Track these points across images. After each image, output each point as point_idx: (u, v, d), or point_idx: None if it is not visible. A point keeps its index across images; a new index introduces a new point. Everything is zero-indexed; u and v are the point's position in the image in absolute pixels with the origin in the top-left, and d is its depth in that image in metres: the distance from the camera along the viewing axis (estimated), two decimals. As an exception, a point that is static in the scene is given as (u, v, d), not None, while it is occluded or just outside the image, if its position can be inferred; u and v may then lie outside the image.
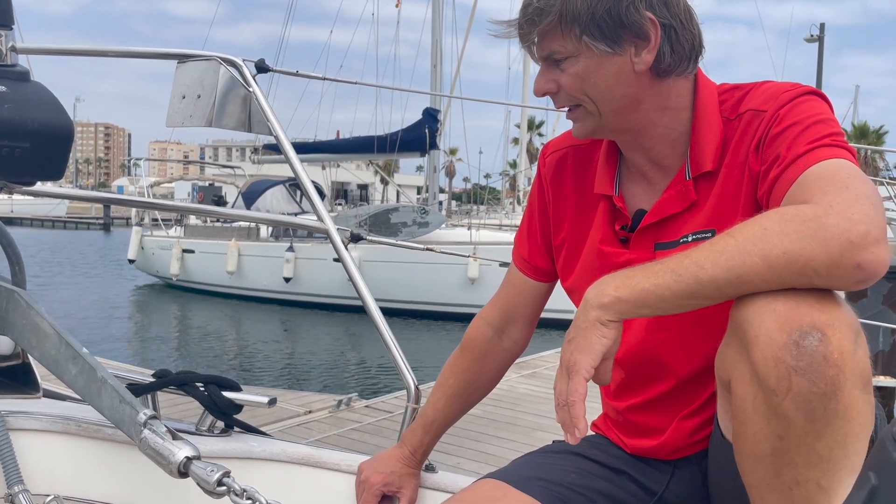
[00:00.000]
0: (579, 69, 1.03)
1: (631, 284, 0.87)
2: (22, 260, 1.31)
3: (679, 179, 1.08)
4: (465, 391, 1.33)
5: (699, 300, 0.85)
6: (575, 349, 0.88)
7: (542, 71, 1.07)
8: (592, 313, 0.88)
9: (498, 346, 1.32)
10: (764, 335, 0.80)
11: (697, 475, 1.14)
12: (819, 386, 0.77)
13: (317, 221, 1.50)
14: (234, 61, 1.53)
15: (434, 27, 16.60)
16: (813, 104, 1.00)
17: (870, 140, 41.79)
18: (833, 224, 0.79)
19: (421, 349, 10.55)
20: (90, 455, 1.25)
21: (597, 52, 1.02)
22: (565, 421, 0.88)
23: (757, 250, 0.81)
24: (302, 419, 4.42)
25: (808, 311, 0.79)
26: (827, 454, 0.79)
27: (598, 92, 1.04)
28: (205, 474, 0.95)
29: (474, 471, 1.38)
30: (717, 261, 0.82)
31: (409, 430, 1.32)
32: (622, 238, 1.13)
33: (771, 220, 0.83)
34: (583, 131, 1.10)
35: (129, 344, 11.36)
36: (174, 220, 17.85)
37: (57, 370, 1.10)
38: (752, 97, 1.05)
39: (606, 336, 0.87)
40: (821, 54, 20.18)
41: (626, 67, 1.03)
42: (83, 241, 33.51)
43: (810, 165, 0.91)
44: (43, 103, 1.05)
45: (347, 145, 16.46)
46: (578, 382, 0.86)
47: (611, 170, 1.16)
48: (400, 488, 1.28)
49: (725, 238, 0.84)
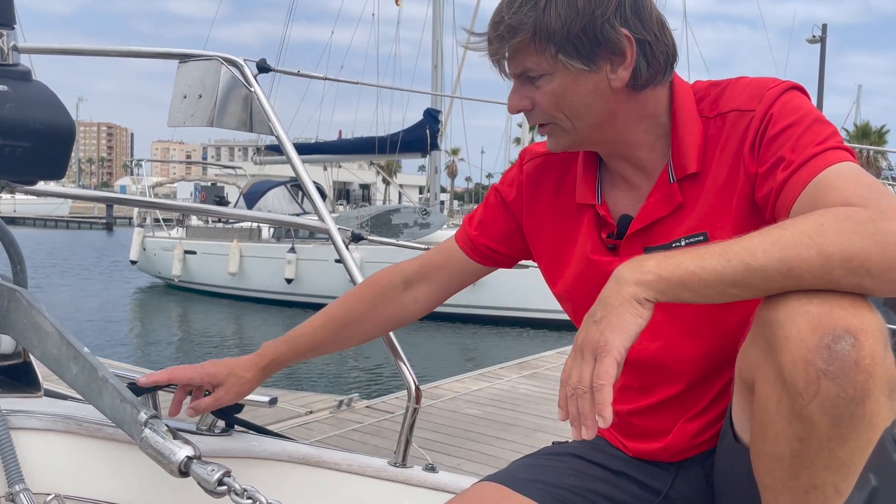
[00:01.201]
0: (555, 87, 1.02)
1: (673, 263, 0.83)
2: (23, 259, 1.32)
3: (663, 182, 1.07)
4: (344, 321, 1.29)
5: (743, 289, 0.82)
6: (606, 327, 0.82)
7: (515, 88, 1.06)
8: (629, 289, 0.83)
9: (397, 298, 1.29)
10: (795, 336, 0.79)
11: (701, 475, 1.14)
12: (848, 391, 0.76)
13: (318, 221, 1.50)
14: (236, 61, 1.53)
15: (435, 26, 16.62)
16: (800, 100, 1.00)
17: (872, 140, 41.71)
18: (890, 229, 0.79)
19: (422, 350, 10.55)
20: (91, 454, 1.26)
21: (573, 71, 1.00)
22: (584, 410, 0.81)
23: (813, 244, 0.80)
24: (303, 419, 4.42)
25: (841, 315, 0.78)
26: (848, 459, 0.79)
27: (573, 109, 1.03)
28: (205, 474, 0.96)
29: (474, 471, 1.37)
30: (771, 250, 0.81)
31: (272, 341, 1.28)
32: (610, 246, 1.12)
33: (825, 217, 0.82)
34: (558, 146, 1.09)
35: (131, 344, 11.37)
36: (176, 221, 17.86)
37: (58, 369, 1.10)
38: (732, 95, 1.04)
39: (642, 315, 0.83)
40: (823, 55, 20.17)
41: (602, 84, 1.02)
42: (85, 241, 33.54)
43: (823, 168, 0.91)
44: (44, 103, 1.05)
45: (349, 146, 16.47)
46: (609, 364, 0.80)
47: (591, 178, 1.15)
48: (221, 384, 1.23)
49: (778, 230, 0.82)
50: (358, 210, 15.02)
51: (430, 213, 13.76)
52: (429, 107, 15.27)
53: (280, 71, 1.80)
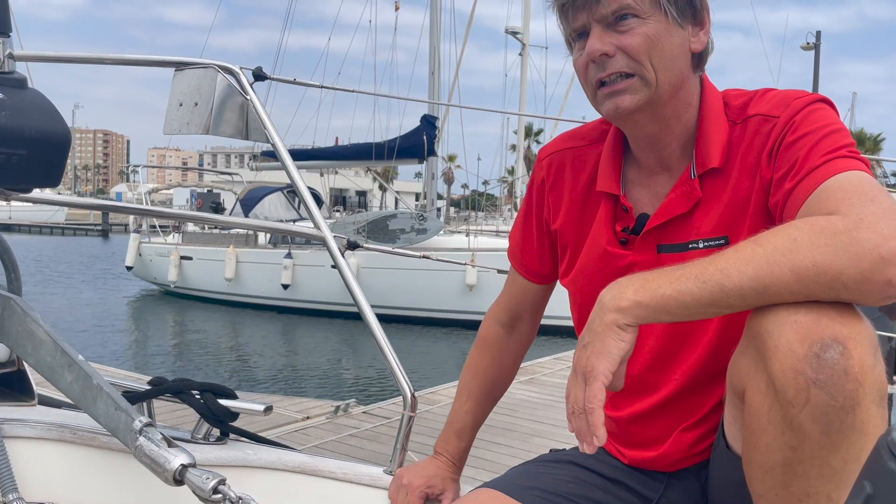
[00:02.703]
0: (650, 31, 1.00)
1: (651, 289, 0.85)
2: (18, 267, 1.31)
3: (684, 180, 1.07)
4: (489, 390, 1.35)
5: (721, 308, 0.84)
6: (592, 353, 0.86)
7: (596, 33, 1.01)
8: (609, 316, 0.86)
9: (511, 342, 1.35)
10: (784, 346, 0.79)
11: (696, 486, 1.14)
12: (838, 399, 0.76)
13: (313, 229, 1.49)
14: (232, 69, 1.53)
15: (432, 34, 16.63)
16: (825, 112, 1.00)
17: (867, 147, 41.91)
18: (864, 238, 0.78)
19: (419, 356, 10.54)
20: (85, 463, 1.25)
21: (668, 19, 1.01)
22: (582, 429, 0.85)
23: (786, 261, 0.79)
24: (299, 425, 4.41)
25: (829, 324, 0.78)
26: (841, 468, 0.79)
27: (662, 59, 1.01)
28: (200, 482, 0.95)
29: (472, 476, 1.37)
30: (744, 270, 0.81)
31: (441, 440, 1.34)
32: (622, 240, 1.12)
33: (800, 230, 0.81)
34: (633, 103, 1.02)
35: (126, 351, 11.33)
36: (172, 227, 17.84)
37: (52, 377, 1.10)
38: (759, 102, 1.05)
39: (624, 340, 0.85)
40: (817, 62, 20.25)
41: (685, 43, 1.04)
42: (81, 248, 33.47)
43: (829, 176, 0.90)
44: (40, 110, 1.05)
45: (346, 152, 16.47)
46: (598, 388, 0.84)
47: (616, 168, 1.14)
48: (443, 490, 1.28)
49: (752, 246, 0.82)
50: (354, 216, 15.02)
51: (426, 219, 13.76)
52: (426, 113, 15.29)
53: (276, 79, 1.80)
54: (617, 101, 1.03)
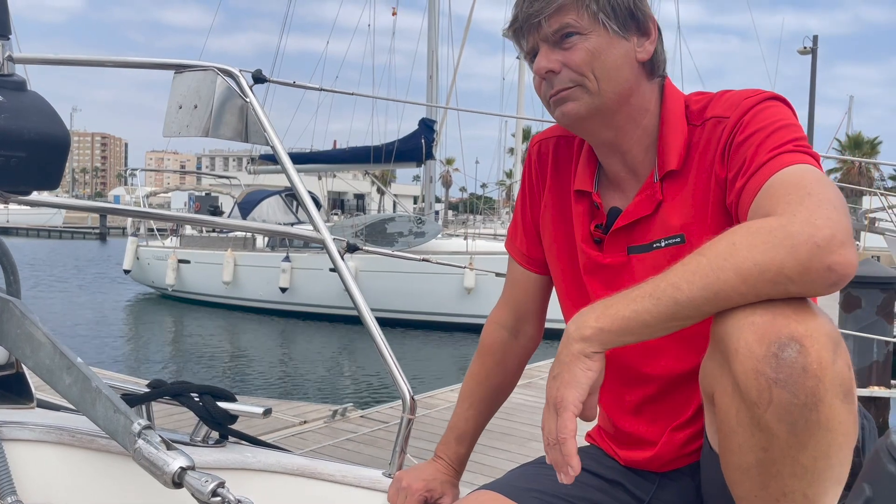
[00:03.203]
0: (590, 45, 1.05)
1: (611, 314, 0.87)
2: (17, 269, 1.31)
3: (648, 183, 1.11)
4: (492, 397, 1.34)
5: (681, 321, 0.85)
6: (561, 384, 0.87)
7: (543, 52, 1.08)
8: (575, 346, 0.88)
9: (516, 347, 1.34)
10: (743, 348, 0.80)
11: (691, 487, 1.14)
12: (799, 397, 0.77)
13: (313, 231, 1.50)
14: (231, 72, 1.54)
15: (430, 37, 16.66)
16: (775, 109, 1.02)
17: (864, 150, 42.01)
18: (798, 231, 0.80)
19: (417, 359, 10.53)
20: (84, 466, 1.25)
21: (609, 32, 1.05)
22: (557, 460, 0.86)
23: (729, 265, 0.81)
24: (297, 429, 4.40)
25: (785, 323, 0.79)
26: (811, 465, 0.79)
27: (605, 70, 1.06)
28: (199, 485, 0.95)
29: (470, 481, 1.37)
30: (692, 280, 0.83)
31: (442, 444, 1.33)
32: (597, 239, 1.16)
33: (738, 234, 0.84)
34: (578, 110, 1.08)
35: (124, 354, 11.31)
36: (170, 231, 17.82)
37: (51, 380, 1.10)
38: (716, 105, 1.08)
39: (591, 368, 0.87)
40: (814, 67, 20.30)
41: (630, 53, 1.08)
42: (79, 251, 33.43)
43: (774, 173, 0.92)
44: (39, 113, 1.05)
45: (344, 155, 16.46)
46: (568, 419, 0.85)
47: (591, 168, 1.18)
48: (442, 494, 1.28)
49: (696, 257, 0.84)
50: (353, 219, 15.02)
51: (424, 222, 13.77)
52: (424, 117, 15.30)
53: (275, 82, 1.80)
54: (562, 108, 1.09)
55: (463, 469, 1.33)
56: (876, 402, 5.74)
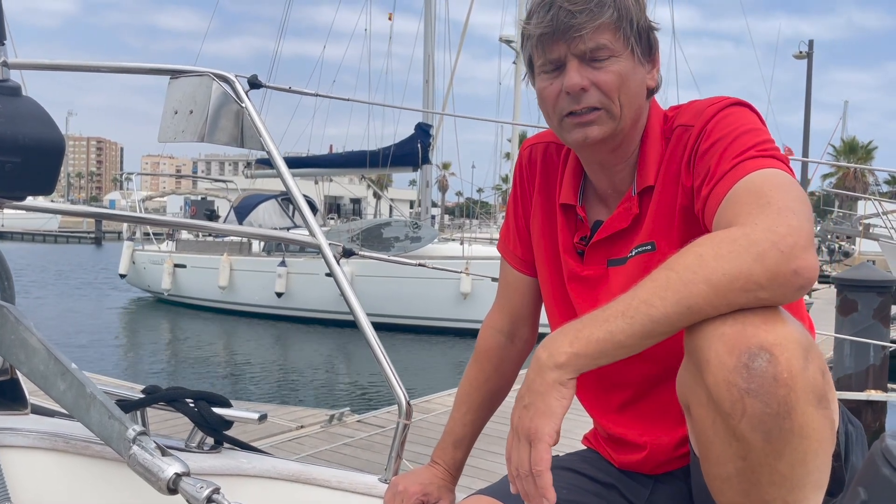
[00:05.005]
0: (621, 68, 1.05)
1: (584, 337, 0.85)
2: (11, 274, 1.31)
3: (627, 197, 1.12)
4: (489, 401, 1.34)
5: (656, 337, 0.84)
6: (535, 415, 0.85)
7: (574, 66, 1.05)
8: (550, 375, 0.85)
9: (512, 351, 1.34)
10: (714, 359, 0.80)
11: (685, 490, 1.14)
12: (772, 406, 0.77)
13: (309, 236, 1.49)
14: (227, 77, 1.54)
15: (426, 42, 16.70)
16: (738, 115, 1.02)
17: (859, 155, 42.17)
18: (761, 238, 0.81)
19: (414, 364, 10.52)
20: (78, 472, 1.24)
21: (635, 58, 1.06)
22: (530, 492, 0.85)
23: (699, 277, 0.81)
24: (293, 434, 4.39)
25: (754, 332, 0.79)
26: (789, 473, 0.79)
27: (628, 95, 1.07)
28: (194, 491, 0.95)
29: (466, 485, 1.37)
30: (665, 295, 0.82)
31: (439, 449, 1.33)
32: (579, 251, 1.17)
33: (703, 246, 0.84)
34: (600, 134, 1.07)
35: (119, 359, 11.28)
36: (166, 235, 17.78)
37: (45, 386, 1.09)
38: (683, 114, 1.09)
39: (566, 397, 0.86)
40: (809, 72, 20.38)
41: (644, 80, 1.09)
42: (74, 256, 33.35)
43: (736, 181, 0.93)
44: (34, 118, 1.05)
45: (340, 160, 16.48)
46: (543, 451, 0.84)
47: (576, 182, 1.19)
48: (439, 499, 1.27)
49: (665, 272, 0.84)
50: (349, 224, 15.02)
51: (420, 226, 13.77)
52: (420, 121, 15.32)
53: (271, 87, 1.80)
54: (587, 131, 1.07)
55: (459, 474, 1.33)
56: (872, 405, 5.74)
